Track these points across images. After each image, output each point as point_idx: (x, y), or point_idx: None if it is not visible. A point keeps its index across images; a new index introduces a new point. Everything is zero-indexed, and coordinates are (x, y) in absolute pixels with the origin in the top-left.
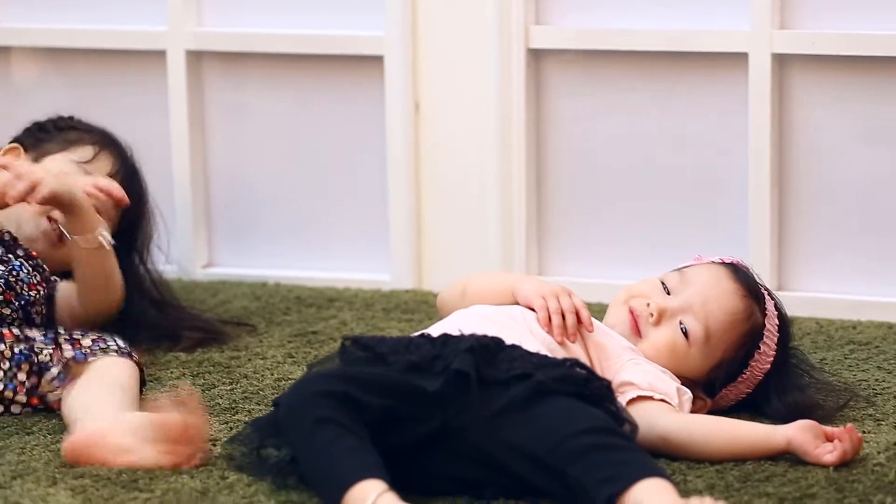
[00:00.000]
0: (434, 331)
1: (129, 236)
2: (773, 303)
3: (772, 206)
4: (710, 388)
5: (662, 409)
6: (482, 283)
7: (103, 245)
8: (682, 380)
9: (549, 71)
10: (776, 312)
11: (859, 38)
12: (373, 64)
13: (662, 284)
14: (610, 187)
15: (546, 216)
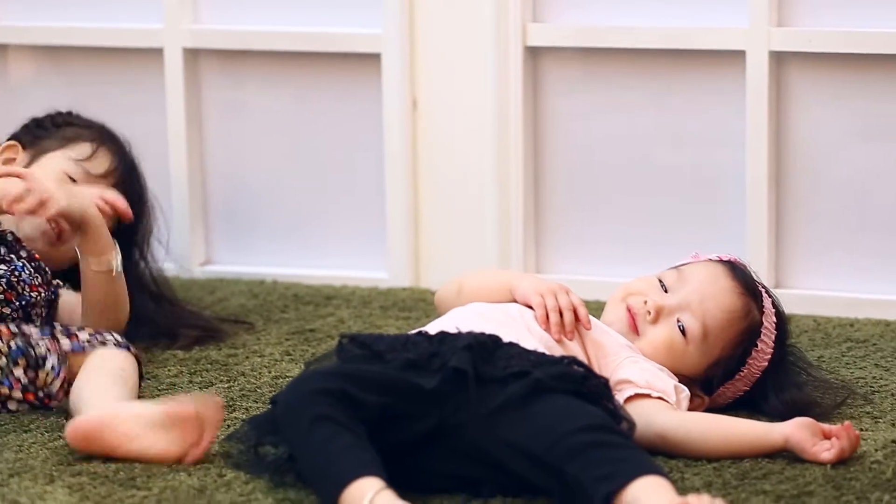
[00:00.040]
0: (431, 329)
1: (129, 231)
2: (771, 300)
3: (769, 203)
4: (707, 385)
5: (660, 407)
6: (479, 281)
7: (113, 269)
8: (679, 377)
9: (547, 68)
10: (774, 310)
11: (856, 36)
12: (370, 61)
13: (660, 282)
14: (607, 185)
15: (543, 214)
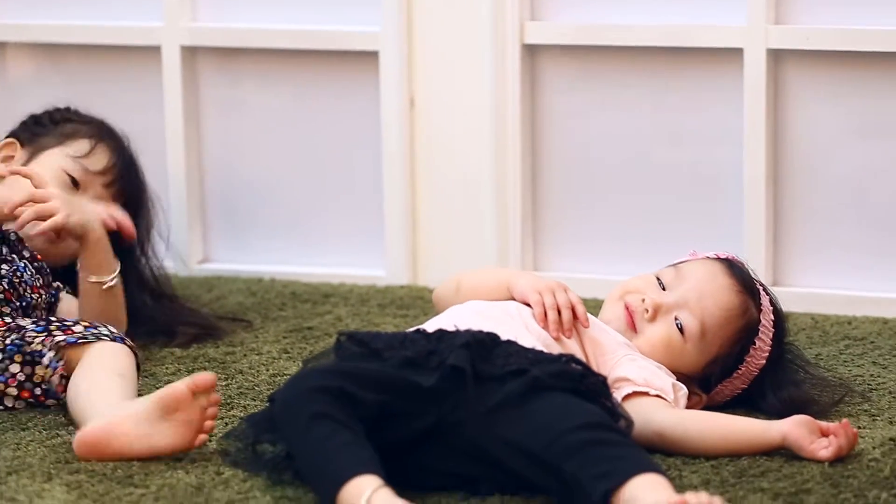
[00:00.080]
0: (430, 327)
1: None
2: (769, 298)
3: (767, 201)
4: (705, 383)
5: (658, 405)
6: (477, 279)
7: (105, 284)
8: (677, 375)
9: (544, 66)
10: (771, 308)
11: (853, 34)
12: (368, 59)
13: (657, 280)
14: (605, 182)
15: (541, 212)
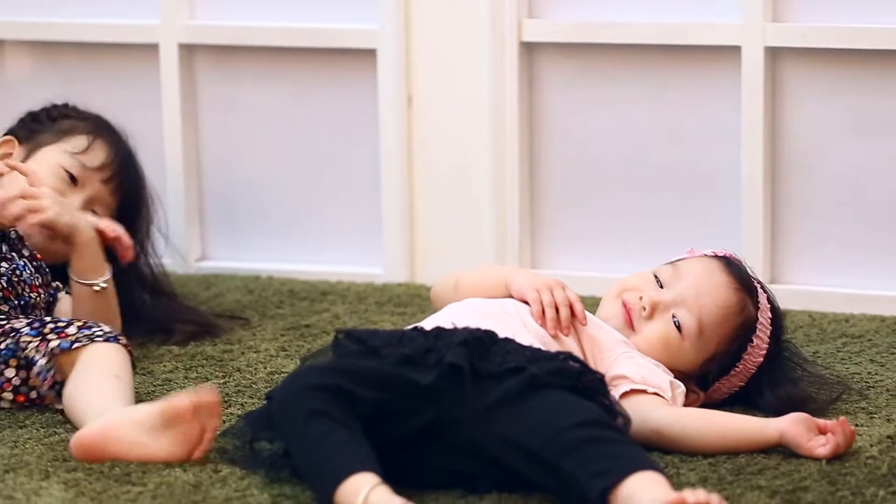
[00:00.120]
0: (427, 324)
1: (128, 223)
2: (766, 296)
3: (764, 198)
4: (702, 381)
5: (656, 403)
6: (475, 276)
7: (100, 290)
8: (674, 373)
9: (542, 64)
10: (769, 305)
11: (851, 32)
12: (366, 57)
13: (655, 278)
14: (603, 180)
15: (539, 209)
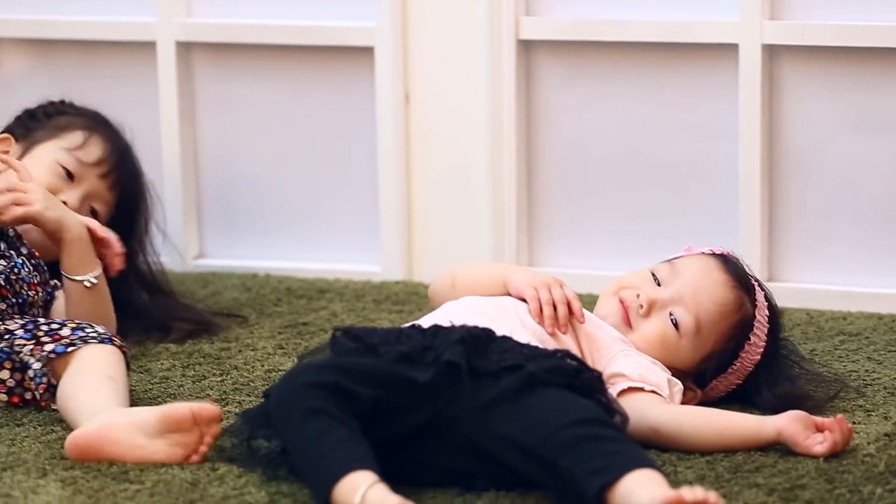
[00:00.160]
0: (425, 322)
1: (127, 218)
2: (764, 294)
3: (762, 196)
4: (700, 379)
5: (653, 401)
6: (473, 274)
7: (91, 286)
8: (672, 371)
9: (540, 62)
10: (766, 303)
11: (848, 29)
12: (363, 55)
13: (653, 275)
14: (600, 178)
15: (536, 207)
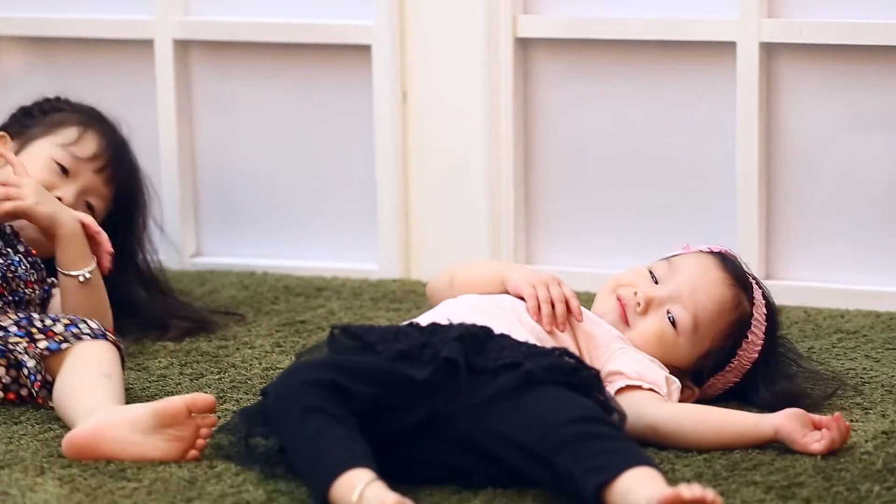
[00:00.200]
0: (423, 320)
1: (124, 212)
2: (761, 292)
3: (759, 194)
4: (697, 377)
5: (651, 399)
6: (471, 272)
7: (85, 281)
8: (669, 369)
9: (537, 60)
10: (764, 301)
11: (846, 27)
12: (361, 53)
13: (650, 273)
14: (598, 176)
15: (534, 205)
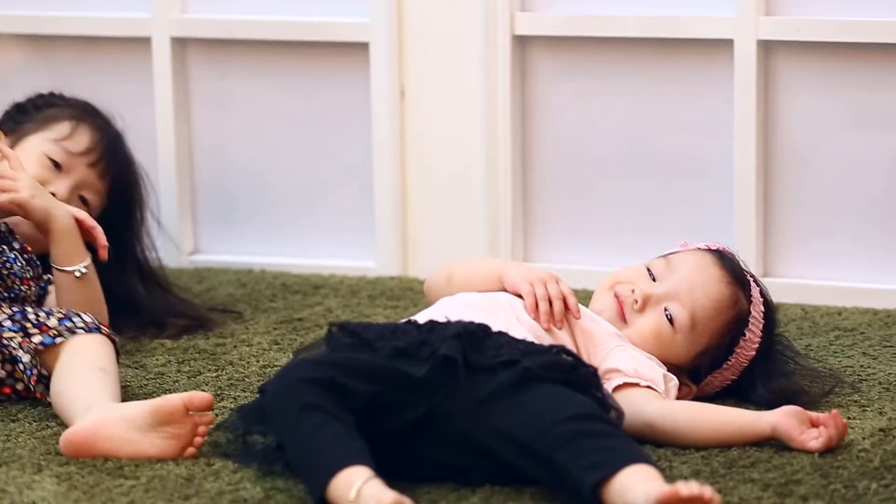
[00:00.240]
0: (420, 318)
1: (120, 206)
2: (759, 289)
3: (757, 192)
4: (695, 374)
5: (648, 396)
6: (469, 270)
7: (81, 276)
8: (667, 366)
9: (535, 57)
10: (761, 299)
11: (844, 25)
12: (358, 51)
13: (648, 271)
14: (595, 174)
15: (532, 203)
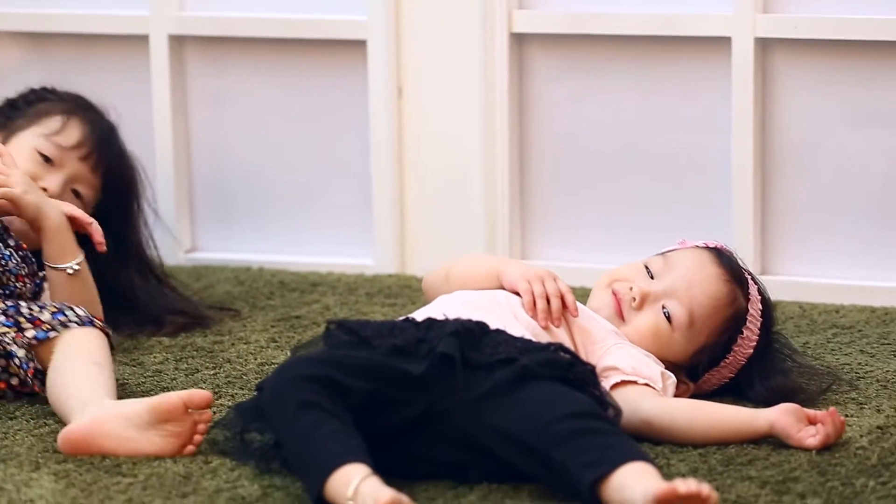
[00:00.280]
0: (418, 316)
1: (115, 199)
2: (757, 287)
3: (755, 190)
4: (693, 372)
5: (646, 394)
6: (467, 267)
7: (74, 273)
8: (665, 364)
9: (533, 55)
10: (759, 297)
11: (841, 23)
12: (356, 48)
13: (646, 268)
14: (593, 171)
15: (529, 200)
